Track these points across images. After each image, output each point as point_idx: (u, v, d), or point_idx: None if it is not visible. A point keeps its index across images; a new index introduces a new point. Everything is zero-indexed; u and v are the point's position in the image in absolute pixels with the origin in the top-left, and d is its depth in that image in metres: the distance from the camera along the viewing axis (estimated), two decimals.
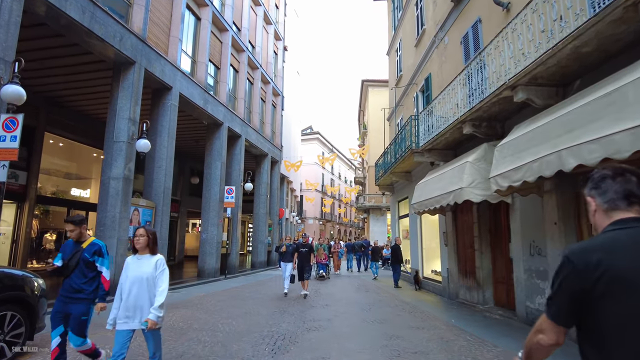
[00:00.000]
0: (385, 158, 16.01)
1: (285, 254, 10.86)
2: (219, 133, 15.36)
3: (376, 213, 30.20)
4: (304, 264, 10.46)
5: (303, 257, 10.52)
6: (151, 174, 11.71)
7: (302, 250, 10.59)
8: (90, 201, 15.91)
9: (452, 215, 10.49)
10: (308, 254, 10.62)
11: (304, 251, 10.57)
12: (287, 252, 10.82)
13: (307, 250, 10.61)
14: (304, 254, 10.55)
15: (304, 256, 10.54)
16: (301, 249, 10.63)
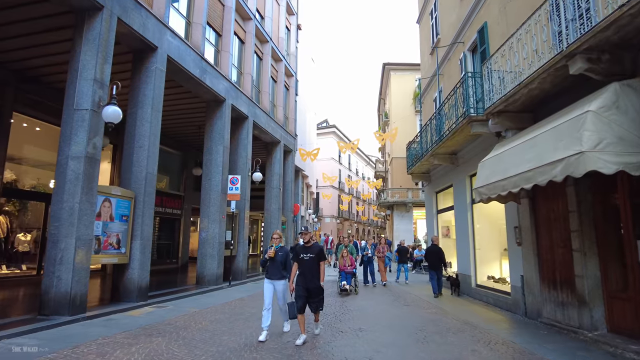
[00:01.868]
0: (422, 139, 13.20)
1: (272, 265, 6.08)
2: (220, 112, 12.81)
3: (401, 209, 27.33)
4: (309, 284, 5.75)
5: (307, 270, 5.78)
6: (130, 155, 9.21)
7: (305, 256, 5.83)
8: None
9: (530, 203, 7.66)
10: (315, 264, 5.83)
11: (308, 258, 5.81)
12: (275, 261, 6.04)
13: (312, 257, 5.82)
14: (308, 263, 5.81)
15: (309, 268, 5.80)
16: (302, 254, 5.86)
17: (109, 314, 7.52)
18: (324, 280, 5.90)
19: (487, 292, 9.65)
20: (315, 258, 5.84)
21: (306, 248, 5.91)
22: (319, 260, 5.86)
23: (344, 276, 11.06)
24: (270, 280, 6.11)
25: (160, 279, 13.67)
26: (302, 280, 5.79)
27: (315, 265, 5.82)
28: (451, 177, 12.20)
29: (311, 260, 5.81)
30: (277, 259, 6.05)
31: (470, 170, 10.78)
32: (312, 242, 5.99)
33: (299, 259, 5.89)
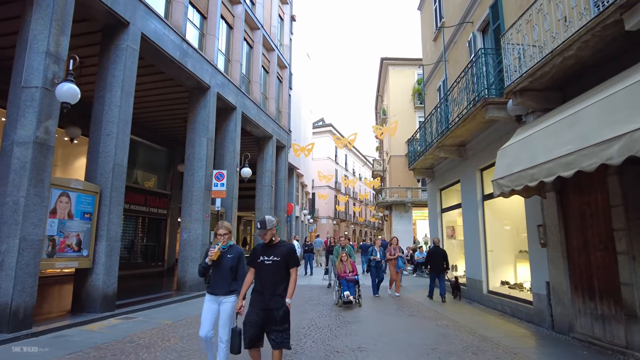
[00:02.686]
0: (425, 131, 12.11)
1: (216, 273, 4.15)
2: (204, 100, 11.65)
3: (399, 209, 26.22)
4: (269, 302, 3.76)
5: (268, 281, 3.82)
6: (96, 145, 8.04)
7: (265, 260, 3.85)
8: None
9: (558, 198, 6.57)
10: (281, 272, 3.85)
11: (271, 262, 3.83)
12: (221, 268, 4.11)
13: (277, 262, 3.83)
14: (269, 270, 3.83)
15: (271, 278, 3.82)
16: (261, 257, 3.88)
17: (62, 328, 6.34)
18: (292, 296, 3.78)
19: (502, 300, 8.54)
20: (282, 263, 3.79)
21: (268, 248, 3.87)
22: (287, 266, 3.82)
23: (345, 285, 9.08)
24: (214, 297, 4.07)
25: (138, 284, 12.49)
26: (259, 297, 3.74)
27: (281, 274, 3.80)
28: (458, 172, 11.10)
29: (275, 266, 3.77)
30: (223, 265, 4.06)
31: (480, 163, 9.70)
32: (278, 240, 3.97)
33: (256, 263, 3.87)
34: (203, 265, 4.10)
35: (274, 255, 3.83)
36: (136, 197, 16.61)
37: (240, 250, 4.26)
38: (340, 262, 9.60)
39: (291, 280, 3.85)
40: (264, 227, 3.80)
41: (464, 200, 10.85)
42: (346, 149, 50.17)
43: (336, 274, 9.70)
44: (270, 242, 3.88)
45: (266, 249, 3.89)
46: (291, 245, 4.02)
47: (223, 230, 4.14)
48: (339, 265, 9.59)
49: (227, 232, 4.15)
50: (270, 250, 3.87)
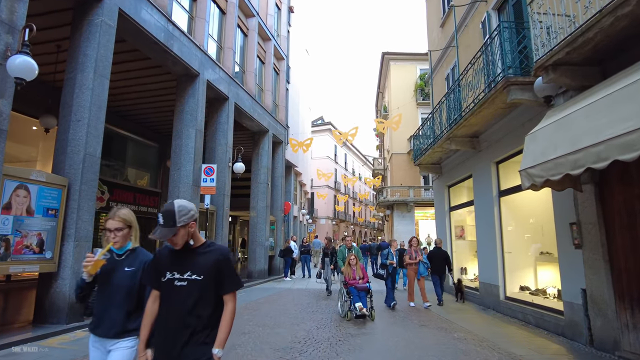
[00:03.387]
0: (435, 121, 11.16)
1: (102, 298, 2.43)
2: (193, 88, 10.70)
3: (401, 209, 25.28)
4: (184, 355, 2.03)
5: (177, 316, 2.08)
6: (65, 132, 7.08)
7: (176, 279, 2.11)
8: None
9: (597, 191, 5.62)
10: (206, 300, 2.11)
11: (187, 284, 2.10)
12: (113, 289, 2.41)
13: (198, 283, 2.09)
14: (183, 297, 2.09)
15: (184, 311, 2.07)
16: (169, 273, 2.14)
17: (13, 344, 5.37)
18: (224, 343, 2.14)
19: (523, 308, 7.58)
20: (207, 284, 2.11)
21: (183, 256, 2.17)
22: (218, 290, 2.16)
23: (355, 295, 7.49)
24: (98, 340, 2.40)
25: None
26: (162, 346, 2.11)
27: (204, 305, 2.11)
28: (470, 166, 10.16)
29: (194, 290, 2.10)
30: (114, 283, 2.41)
31: (496, 155, 8.77)
32: (202, 242, 2.22)
33: (161, 283, 2.17)
34: (79, 284, 2.41)
35: (193, 269, 2.11)
36: (124, 194, 15.64)
37: (146, 259, 2.46)
38: (347, 266, 7.99)
39: (225, 316, 2.14)
40: (170, 224, 2.04)
41: (476, 196, 9.91)
42: (346, 148, 49.26)
43: (343, 281, 8.06)
44: (185, 247, 2.15)
45: (179, 257, 2.16)
46: (224, 251, 2.22)
47: (116, 222, 2.43)
48: (346, 270, 7.97)
49: (123, 225, 2.45)
50: (187, 260, 2.14)
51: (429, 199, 24.91)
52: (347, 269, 7.99)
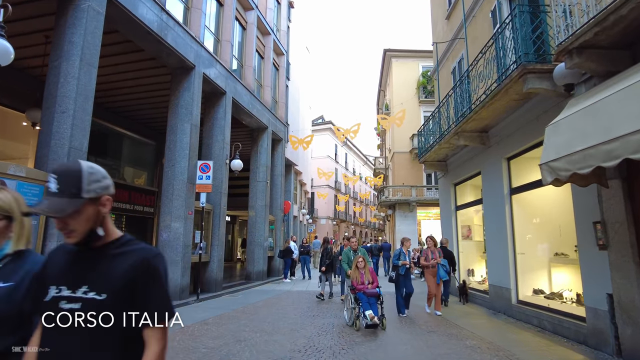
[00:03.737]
0: (441, 116, 10.69)
1: None
2: (188, 81, 10.23)
3: (403, 209, 24.80)
4: None
5: None
6: (49, 124, 6.61)
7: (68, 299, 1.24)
8: None
9: (624, 187, 5.14)
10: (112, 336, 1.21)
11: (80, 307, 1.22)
12: None
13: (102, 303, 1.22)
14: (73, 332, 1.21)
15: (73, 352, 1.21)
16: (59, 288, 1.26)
17: None
18: None
19: (538, 313, 7.10)
20: (114, 308, 1.23)
21: (82, 259, 1.33)
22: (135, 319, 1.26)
23: (365, 301, 6.65)
24: None
25: None
26: None
27: (106, 346, 1.22)
28: (479, 163, 9.69)
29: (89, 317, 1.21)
30: None
31: (507, 150, 8.31)
32: (118, 237, 1.39)
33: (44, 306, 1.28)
34: None
35: (92, 282, 1.28)
36: (118, 193, 15.16)
37: (34, 267, 1.54)
38: (355, 269, 7.26)
39: None
40: (70, 191, 1.26)
41: (485, 195, 9.44)
42: (346, 148, 48.80)
43: (350, 286, 7.25)
44: (87, 241, 1.32)
45: (74, 261, 1.35)
46: (149, 253, 1.36)
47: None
48: (354, 274, 7.22)
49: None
50: (85, 266, 1.32)
51: (431, 199, 24.46)
52: (354, 273, 7.22)
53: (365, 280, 7.09)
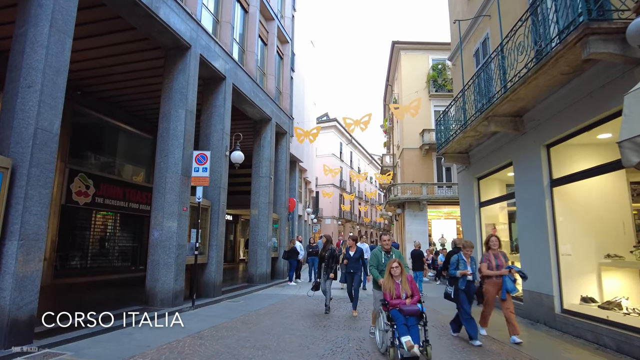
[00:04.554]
0: (466, 100, 9.57)
1: None
2: (183, 63, 9.19)
3: (413, 208, 23.65)
4: None
5: None
6: (12, 100, 5.57)
7: None
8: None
9: None
10: None
11: None
12: None
13: None
14: None
15: None
16: None
17: None
18: None
19: (593, 326, 5.97)
20: None
21: None
22: None
23: (401, 322, 4.87)
24: None
25: (94, 297, 10.02)
26: None
27: None
28: (510, 152, 8.57)
29: None
30: None
31: (547, 136, 7.21)
32: None
33: None
34: None
35: None
36: (111, 189, 14.19)
37: None
38: (388, 278, 5.35)
39: None
40: None
41: (519, 188, 8.32)
42: (351, 146, 47.70)
43: (382, 300, 5.32)
44: None
45: None
46: None
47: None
48: (387, 284, 5.32)
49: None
50: None
51: (443, 197, 23.33)
52: (387, 283, 5.31)
53: (402, 293, 5.23)
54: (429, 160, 24.31)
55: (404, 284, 5.30)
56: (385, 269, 5.53)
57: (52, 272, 11.66)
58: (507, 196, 9.14)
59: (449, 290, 6.33)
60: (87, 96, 12.92)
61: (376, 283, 5.79)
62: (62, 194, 12.10)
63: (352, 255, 8.28)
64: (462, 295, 6.07)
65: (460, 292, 6.08)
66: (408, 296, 5.22)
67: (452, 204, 23.85)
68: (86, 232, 13.47)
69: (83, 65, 10.81)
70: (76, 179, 12.66)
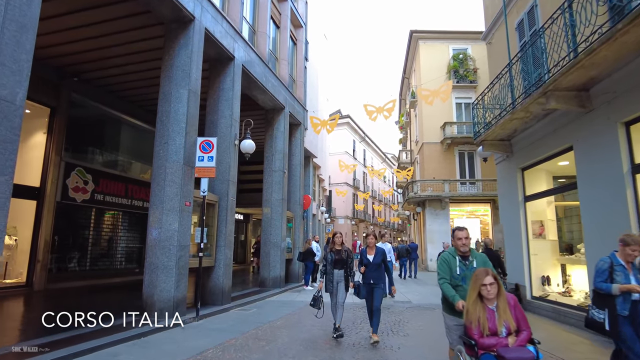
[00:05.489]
0: (514, 76, 8.22)
1: None
2: (186, 37, 8.02)
3: (435, 206, 22.24)
4: None
5: None
6: None
7: None
8: None
9: None
10: None
11: None
12: None
13: None
14: None
15: None
16: None
17: None
18: None
19: None
20: None
21: None
22: None
23: None
24: None
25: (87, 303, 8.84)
26: None
27: None
28: (570, 135, 7.20)
29: None
30: None
31: (627, 111, 5.87)
32: None
33: None
34: None
35: None
36: (113, 185, 13.16)
37: None
38: (476, 302, 3.16)
39: None
40: None
41: (583, 176, 6.94)
42: (365, 144, 46.32)
43: (464, 336, 3.30)
44: None
45: None
46: None
47: None
48: (472, 311, 3.16)
49: None
50: None
51: (466, 194, 21.91)
52: (474, 310, 3.16)
53: (501, 327, 3.09)
54: (451, 156, 22.90)
55: (504, 312, 3.10)
56: (469, 285, 3.32)
57: (46, 276, 10.60)
58: (563, 188, 7.79)
59: (597, 315, 3.88)
60: (86, 84, 11.90)
61: (447, 303, 3.70)
62: (57, 190, 11.05)
63: (371, 261, 6.01)
64: (625, 325, 3.66)
65: (622, 320, 3.67)
66: (511, 332, 3.07)
67: (476, 202, 22.44)
68: (85, 232, 12.43)
69: (79, 46, 9.78)
70: (73, 174, 11.62)
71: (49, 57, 10.37)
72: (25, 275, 10.35)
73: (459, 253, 3.76)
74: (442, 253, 4.12)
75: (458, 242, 3.73)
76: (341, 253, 6.28)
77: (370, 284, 5.89)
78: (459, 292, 3.57)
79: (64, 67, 11.06)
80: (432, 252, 21.36)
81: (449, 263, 3.76)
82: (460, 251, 3.75)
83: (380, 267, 6.05)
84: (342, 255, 6.27)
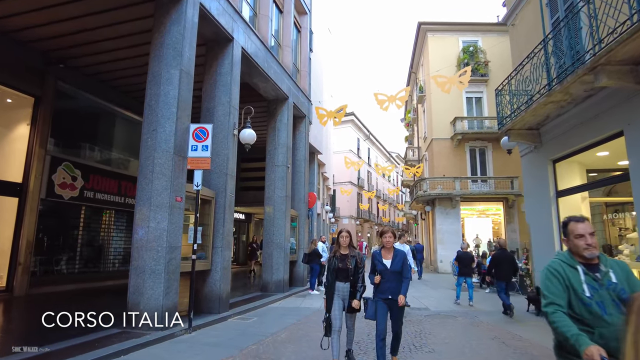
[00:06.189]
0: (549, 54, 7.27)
1: None
2: (178, 12, 7.10)
3: (445, 204, 21.25)
4: None
5: None
6: None
7: None
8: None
9: None
10: None
11: None
12: None
13: None
14: None
15: None
16: None
17: None
18: None
19: None
20: None
21: None
22: None
23: None
24: None
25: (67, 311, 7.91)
26: None
27: None
28: (618, 118, 6.22)
29: None
30: None
31: None
32: None
33: None
34: None
35: None
36: (104, 182, 12.27)
37: None
38: None
39: None
40: None
41: (636, 166, 5.98)
42: (369, 142, 45.34)
43: None
44: None
45: None
46: None
47: None
48: None
49: None
50: None
51: (478, 192, 20.92)
52: None
53: None
54: (462, 152, 21.92)
55: None
56: (611, 313, 2.08)
57: (28, 279, 9.70)
58: (610, 180, 6.81)
59: None
60: (74, 72, 11.02)
61: (566, 347, 2.12)
62: (41, 186, 10.15)
63: (389, 267, 4.56)
64: None
65: None
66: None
67: (488, 200, 21.48)
68: (74, 232, 11.55)
69: (63, 27, 8.88)
70: (60, 169, 10.73)
71: (31, 39, 9.50)
72: (5, 279, 9.46)
73: (580, 260, 2.27)
74: (551, 262, 2.37)
75: (579, 241, 2.25)
76: (346, 259, 4.65)
77: (389, 300, 4.44)
78: (595, 329, 2.07)
79: (49, 52, 10.17)
80: (442, 253, 20.41)
81: (566, 278, 2.24)
82: (583, 257, 2.25)
83: (400, 275, 4.54)
84: (347, 262, 4.63)
